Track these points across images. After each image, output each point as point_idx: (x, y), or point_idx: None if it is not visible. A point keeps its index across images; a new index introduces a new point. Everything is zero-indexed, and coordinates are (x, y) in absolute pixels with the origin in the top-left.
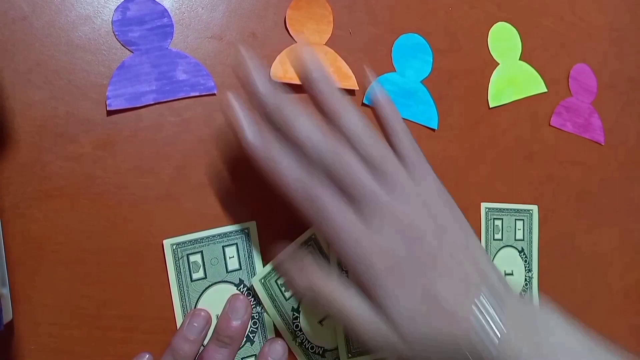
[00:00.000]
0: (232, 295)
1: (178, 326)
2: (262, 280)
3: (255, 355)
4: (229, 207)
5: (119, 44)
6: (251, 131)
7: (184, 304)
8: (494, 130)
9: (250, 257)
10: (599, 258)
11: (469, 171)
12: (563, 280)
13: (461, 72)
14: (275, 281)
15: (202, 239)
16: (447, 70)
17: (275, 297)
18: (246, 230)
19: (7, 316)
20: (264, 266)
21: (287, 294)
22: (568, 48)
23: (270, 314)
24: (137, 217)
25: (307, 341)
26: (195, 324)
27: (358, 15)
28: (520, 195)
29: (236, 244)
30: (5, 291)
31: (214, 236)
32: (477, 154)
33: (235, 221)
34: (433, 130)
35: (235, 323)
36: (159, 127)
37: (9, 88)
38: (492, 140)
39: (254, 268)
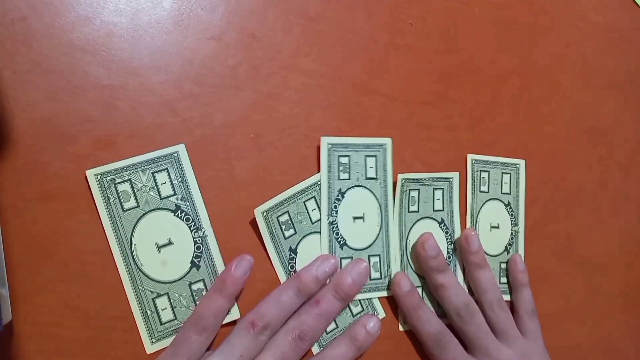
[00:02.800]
0: (358, 259)
1: (117, 262)
2: (265, 214)
3: (202, 279)
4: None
5: (118, 44)
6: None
7: (118, 234)
8: (493, 130)
9: (184, 181)
10: (598, 258)
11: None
12: (562, 280)
13: (461, 72)
14: (277, 218)
15: (128, 166)
16: (447, 71)
17: (275, 233)
18: (175, 154)
19: (7, 317)
20: (200, 189)
21: (287, 233)
22: (568, 48)
23: (268, 249)
24: None
25: None
26: (326, 269)
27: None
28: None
29: (166, 169)
30: (5, 292)
31: (140, 163)
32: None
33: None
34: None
35: (353, 281)
36: (159, 127)
37: (8, 88)
38: (492, 141)
39: (189, 192)
